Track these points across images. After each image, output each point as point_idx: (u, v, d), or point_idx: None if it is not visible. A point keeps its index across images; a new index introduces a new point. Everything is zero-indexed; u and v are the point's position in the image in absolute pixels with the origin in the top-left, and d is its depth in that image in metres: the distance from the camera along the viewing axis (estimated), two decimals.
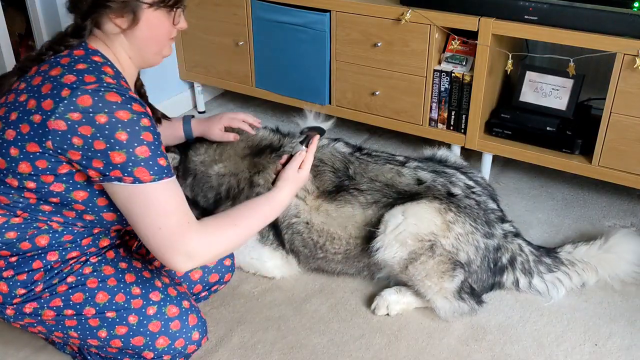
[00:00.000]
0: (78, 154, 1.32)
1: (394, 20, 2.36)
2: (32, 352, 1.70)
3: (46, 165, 1.35)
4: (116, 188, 1.34)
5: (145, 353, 1.51)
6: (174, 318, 1.52)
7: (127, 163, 1.31)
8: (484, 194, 1.90)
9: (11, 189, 1.39)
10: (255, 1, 2.65)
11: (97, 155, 1.31)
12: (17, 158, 1.36)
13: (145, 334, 1.49)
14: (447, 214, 1.75)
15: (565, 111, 2.29)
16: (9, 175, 1.38)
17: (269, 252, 1.95)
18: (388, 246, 1.75)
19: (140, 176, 1.33)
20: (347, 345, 1.73)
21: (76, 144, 1.31)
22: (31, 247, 1.43)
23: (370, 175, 1.87)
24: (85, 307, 1.47)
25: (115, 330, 1.48)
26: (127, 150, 1.31)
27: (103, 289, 1.48)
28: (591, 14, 2.03)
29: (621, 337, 1.75)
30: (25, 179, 1.37)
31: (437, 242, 1.73)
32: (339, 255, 1.88)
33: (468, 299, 1.77)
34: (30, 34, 2.78)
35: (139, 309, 1.49)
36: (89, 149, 1.31)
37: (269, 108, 3.09)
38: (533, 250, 1.89)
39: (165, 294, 1.54)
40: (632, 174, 2.14)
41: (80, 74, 1.35)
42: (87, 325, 1.48)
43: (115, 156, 1.31)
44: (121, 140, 1.31)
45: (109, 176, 1.33)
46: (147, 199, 1.34)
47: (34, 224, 1.43)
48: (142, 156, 1.32)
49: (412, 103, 2.48)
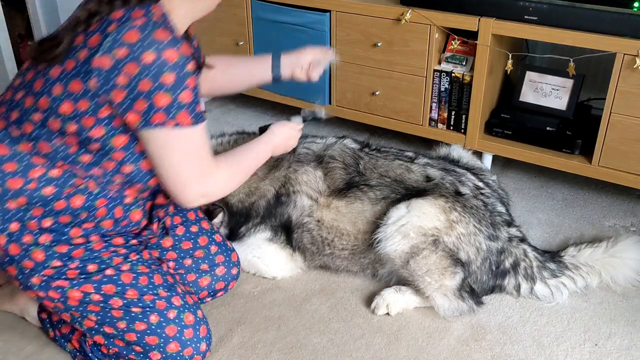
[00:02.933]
0: (122, 94, 1.31)
1: (394, 20, 2.36)
2: (35, 351, 1.70)
3: (87, 107, 1.34)
4: (154, 134, 1.35)
5: (152, 353, 1.52)
6: (189, 326, 1.54)
7: (172, 107, 1.32)
8: (493, 197, 1.90)
9: (53, 134, 1.39)
10: (255, 1, 2.65)
11: (141, 96, 1.30)
12: (59, 97, 1.35)
13: (161, 336, 1.51)
14: (451, 212, 1.75)
15: (565, 111, 2.29)
16: (52, 116, 1.37)
17: (275, 251, 1.95)
18: (390, 237, 1.75)
19: (182, 121, 1.34)
20: (347, 345, 1.73)
21: (120, 83, 1.30)
22: (65, 206, 1.43)
23: (380, 171, 1.88)
24: (114, 297, 1.49)
25: (134, 325, 1.50)
26: (173, 93, 1.31)
27: (135, 287, 1.51)
28: (591, 14, 2.03)
29: (621, 337, 1.75)
30: (67, 121, 1.37)
31: (440, 238, 1.73)
32: (345, 252, 1.89)
33: (468, 298, 1.77)
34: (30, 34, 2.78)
35: (162, 310, 1.52)
36: (134, 89, 1.30)
37: (269, 108, 3.09)
38: (538, 256, 1.88)
39: (185, 300, 1.57)
40: (632, 174, 2.14)
41: (128, 10, 1.32)
42: (109, 314, 1.50)
43: (161, 98, 1.31)
44: (167, 82, 1.30)
45: (149, 121, 1.33)
46: (185, 143, 1.38)
47: (71, 180, 1.43)
48: (184, 101, 1.33)
49: (412, 103, 2.48)
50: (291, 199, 1.89)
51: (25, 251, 1.44)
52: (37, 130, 1.40)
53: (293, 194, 1.89)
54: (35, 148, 1.41)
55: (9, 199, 1.41)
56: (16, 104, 1.43)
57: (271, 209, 1.91)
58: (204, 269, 1.77)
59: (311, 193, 1.88)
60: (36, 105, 1.39)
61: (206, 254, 1.78)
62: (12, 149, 1.42)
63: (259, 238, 1.94)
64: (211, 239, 1.81)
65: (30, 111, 1.40)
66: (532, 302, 1.87)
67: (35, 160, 1.42)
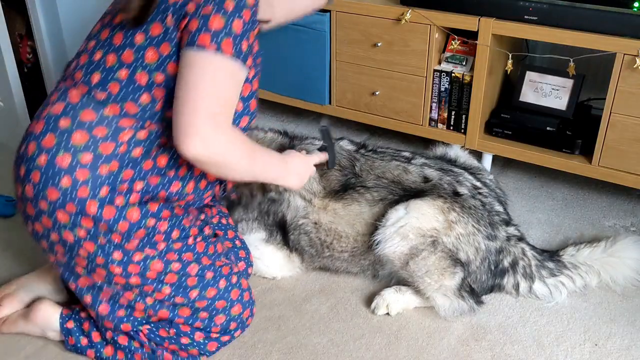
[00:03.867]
0: (186, 20, 1.33)
1: (394, 20, 2.36)
2: (34, 352, 1.70)
3: (169, 50, 1.36)
4: (194, 58, 1.32)
5: (218, 317, 1.61)
6: (246, 289, 1.68)
7: (222, 31, 1.32)
8: (491, 196, 1.90)
9: (140, 89, 1.39)
10: None
11: (200, 17, 1.31)
12: (143, 46, 1.37)
13: (228, 299, 1.62)
14: (450, 213, 1.75)
15: (565, 111, 2.29)
16: (139, 69, 1.38)
17: (273, 251, 1.95)
18: (389, 239, 1.75)
19: (225, 48, 1.33)
20: (347, 345, 1.73)
21: (190, 11, 1.33)
22: (152, 166, 1.45)
23: (377, 172, 1.88)
24: (191, 264, 1.56)
25: (206, 292, 1.59)
26: (227, 18, 1.32)
27: (206, 255, 1.60)
28: (591, 14, 2.03)
29: (621, 337, 1.75)
30: (154, 71, 1.37)
31: (439, 239, 1.73)
32: (345, 254, 1.89)
33: (468, 297, 1.77)
34: (30, 34, 2.78)
35: (226, 275, 1.63)
36: (198, 12, 1.32)
37: (269, 108, 3.09)
38: (536, 254, 1.88)
39: (239, 268, 1.72)
40: (632, 174, 2.14)
41: None
42: (184, 283, 1.56)
43: (215, 20, 1.31)
44: (227, 7, 1.32)
45: (195, 42, 1.32)
46: (218, 73, 1.33)
47: (157, 140, 1.43)
48: (235, 30, 1.34)
49: (412, 103, 2.48)
50: (284, 197, 1.88)
51: (119, 212, 1.43)
52: (124, 89, 1.40)
53: (285, 192, 1.88)
54: (122, 110, 1.41)
55: (102, 163, 1.41)
56: (97, 65, 1.42)
57: (263, 205, 1.91)
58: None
59: (304, 194, 1.88)
60: (120, 61, 1.39)
61: (232, 246, 1.85)
62: (99, 113, 1.41)
63: (254, 238, 1.94)
64: (237, 234, 1.91)
65: (115, 69, 1.40)
66: (532, 302, 1.87)
67: (123, 123, 1.42)
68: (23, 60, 2.88)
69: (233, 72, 1.37)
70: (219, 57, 1.33)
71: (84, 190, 1.41)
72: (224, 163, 1.40)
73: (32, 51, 2.85)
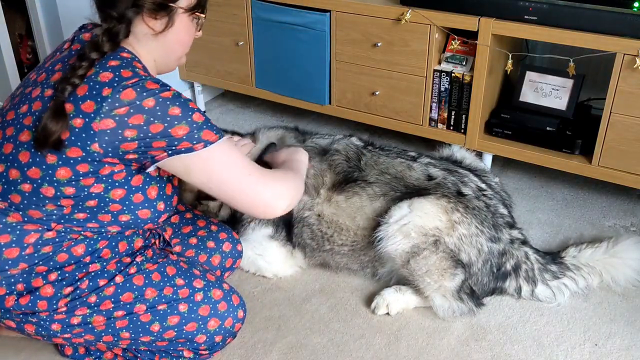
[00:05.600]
0: (134, 144, 1.33)
1: (394, 20, 2.36)
2: (32, 354, 1.70)
3: (88, 169, 1.35)
4: (188, 161, 1.37)
5: (198, 337, 1.55)
6: (220, 300, 1.58)
7: (192, 131, 1.35)
8: (495, 198, 1.90)
9: (45, 200, 1.37)
10: (255, 1, 2.65)
11: (157, 137, 1.33)
12: (54, 165, 1.34)
13: (197, 319, 1.54)
14: (453, 213, 1.75)
15: (565, 111, 2.29)
16: (44, 184, 1.36)
17: (276, 247, 1.95)
18: (391, 237, 1.75)
19: (208, 138, 1.37)
20: (347, 345, 1.73)
21: (130, 136, 1.32)
22: (68, 258, 1.43)
23: (381, 168, 1.89)
24: (136, 305, 1.48)
25: (167, 322, 1.51)
26: (186, 121, 1.34)
27: (150, 285, 1.50)
28: (591, 14, 2.03)
29: (621, 337, 1.75)
30: (64, 185, 1.36)
31: (441, 239, 1.73)
32: (345, 248, 1.89)
33: (467, 300, 1.77)
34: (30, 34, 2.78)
35: (187, 297, 1.54)
36: (146, 135, 1.32)
37: (269, 108, 3.09)
38: (539, 258, 1.88)
39: (206, 280, 1.59)
40: (632, 174, 2.14)
41: (115, 70, 1.34)
42: (139, 323, 1.49)
43: (178, 130, 1.34)
44: (176, 114, 1.34)
45: (176, 149, 1.35)
46: (224, 156, 1.41)
47: (68, 235, 1.42)
48: (200, 121, 1.37)
49: (412, 103, 2.48)
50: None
51: (33, 294, 1.42)
52: (26, 200, 1.38)
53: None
54: (25, 217, 1.40)
55: (10, 268, 1.40)
56: None
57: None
58: (211, 247, 1.81)
59: (314, 184, 1.88)
60: (24, 176, 1.36)
61: (208, 232, 1.83)
62: (2, 222, 1.40)
63: (260, 235, 1.94)
64: (208, 221, 1.87)
65: (18, 182, 1.37)
66: (532, 302, 1.87)
67: (28, 227, 1.40)
68: (23, 60, 2.88)
69: (228, 147, 1.44)
70: (213, 148, 1.39)
71: (0, 290, 1.41)
72: (299, 194, 1.58)
73: (32, 51, 2.85)
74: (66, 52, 1.47)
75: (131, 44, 1.43)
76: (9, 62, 2.50)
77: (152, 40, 1.44)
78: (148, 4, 1.38)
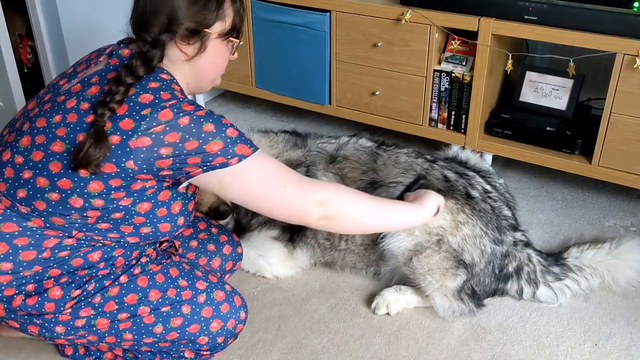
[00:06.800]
0: (169, 161, 1.35)
1: (394, 20, 2.36)
2: (32, 353, 1.70)
3: (120, 184, 1.36)
4: (223, 176, 1.39)
5: (200, 339, 1.55)
6: (223, 301, 1.58)
7: (227, 146, 1.36)
8: (500, 200, 1.90)
9: (72, 209, 1.38)
10: (255, 1, 2.65)
11: (192, 154, 1.35)
12: (87, 178, 1.35)
13: (200, 321, 1.54)
14: (459, 213, 1.75)
15: (565, 111, 2.29)
16: (74, 195, 1.36)
17: (278, 248, 1.94)
18: (395, 234, 1.75)
19: (243, 152, 1.39)
20: (347, 345, 1.73)
21: (165, 153, 1.34)
22: (83, 262, 1.44)
23: (404, 166, 1.87)
24: (140, 307, 1.48)
25: (171, 323, 1.51)
26: (220, 136, 1.36)
27: (154, 287, 1.51)
28: (591, 14, 2.03)
29: (621, 337, 1.75)
30: (94, 198, 1.37)
31: (445, 238, 1.73)
32: (362, 247, 1.88)
33: (468, 300, 1.77)
34: (30, 34, 2.78)
35: (190, 299, 1.54)
36: (181, 152, 1.34)
37: (269, 108, 3.09)
38: (542, 260, 1.87)
39: (209, 281, 1.59)
40: (632, 174, 2.14)
41: (155, 92, 1.36)
42: (142, 325, 1.49)
43: (213, 146, 1.35)
44: (210, 131, 1.35)
45: (211, 165, 1.37)
46: (258, 170, 1.42)
47: (87, 242, 1.43)
48: (234, 136, 1.38)
49: (412, 103, 2.48)
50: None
51: (42, 295, 1.42)
52: (51, 208, 1.38)
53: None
54: (47, 223, 1.40)
55: (24, 270, 1.40)
56: (24, 183, 1.39)
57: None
58: (212, 250, 1.81)
59: None
60: (54, 186, 1.37)
61: (209, 235, 1.83)
62: (22, 226, 1.39)
63: (265, 236, 1.94)
64: (209, 224, 1.88)
65: (45, 190, 1.37)
66: (532, 302, 1.87)
67: (48, 233, 1.40)
68: (23, 60, 2.88)
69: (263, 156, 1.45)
70: (247, 162, 1.40)
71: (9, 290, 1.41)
72: (352, 214, 1.54)
73: (32, 51, 2.84)
74: (102, 66, 1.47)
75: (166, 66, 1.45)
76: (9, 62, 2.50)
77: (185, 64, 1.47)
78: (181, 30, 1.40)
